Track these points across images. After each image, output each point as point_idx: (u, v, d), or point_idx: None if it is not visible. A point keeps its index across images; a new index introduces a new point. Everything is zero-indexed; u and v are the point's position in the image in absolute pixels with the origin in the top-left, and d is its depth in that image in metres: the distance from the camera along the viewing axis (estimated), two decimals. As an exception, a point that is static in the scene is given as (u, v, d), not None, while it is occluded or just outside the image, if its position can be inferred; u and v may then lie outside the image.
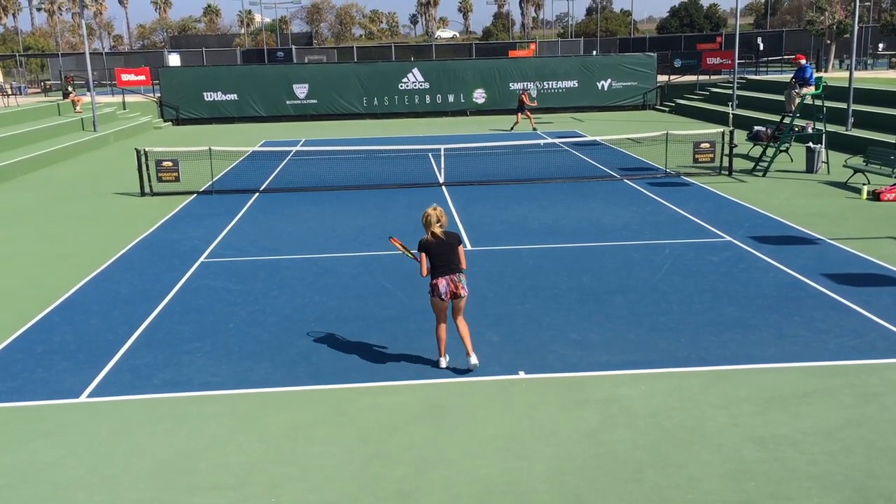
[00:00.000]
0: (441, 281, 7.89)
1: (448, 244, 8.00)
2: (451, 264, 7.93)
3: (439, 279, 7.90)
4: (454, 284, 7.90)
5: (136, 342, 9.28)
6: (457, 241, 8.07)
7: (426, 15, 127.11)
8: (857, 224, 14.21)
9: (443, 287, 7.88)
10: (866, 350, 8.49)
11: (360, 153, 24.55)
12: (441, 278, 7.89)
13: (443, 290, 7.87)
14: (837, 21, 43.17)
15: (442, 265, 7.92)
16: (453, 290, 7.90)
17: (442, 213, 8.07)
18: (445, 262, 7.92)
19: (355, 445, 6.78)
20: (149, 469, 6.48)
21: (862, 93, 25.42)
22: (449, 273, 7.90)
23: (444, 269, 7.91)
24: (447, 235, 8.04)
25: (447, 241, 8.01)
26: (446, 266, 7.92)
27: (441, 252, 7.95)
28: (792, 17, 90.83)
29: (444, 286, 7.88)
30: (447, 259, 7.94)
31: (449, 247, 7.99)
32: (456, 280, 7.91)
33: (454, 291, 7.91)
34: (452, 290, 7.90)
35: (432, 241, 7.98)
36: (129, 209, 17.31)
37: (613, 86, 38.71)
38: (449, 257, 7.95)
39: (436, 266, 7.94)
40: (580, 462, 6.41)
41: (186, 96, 37.27)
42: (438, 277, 7.90)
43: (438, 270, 7.92)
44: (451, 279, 7.89)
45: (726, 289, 10.67)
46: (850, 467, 6.22)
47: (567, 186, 18.70)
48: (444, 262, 7.92)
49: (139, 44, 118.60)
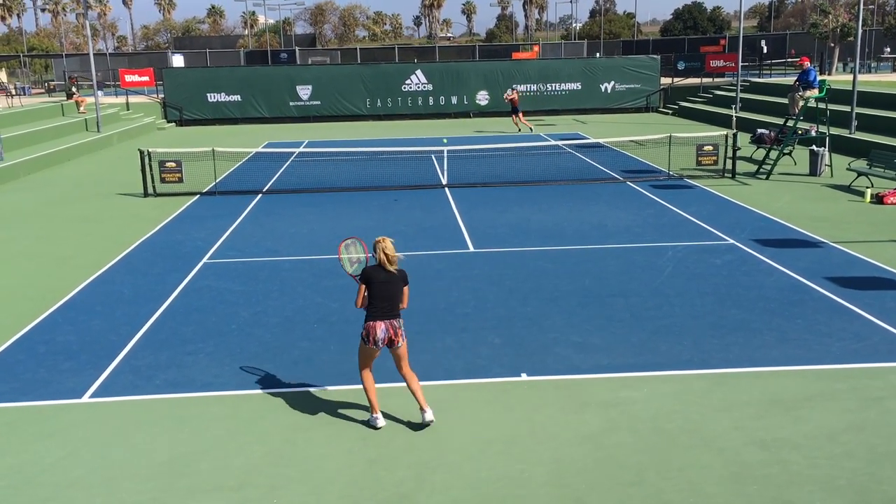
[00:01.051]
0: (379, 325, 6.84)
1: (396, 283, 6.95)
2: (394, 308, 6.92)
3: (377, 322, 6.85)
4: (393, 331, 6.89)
5: (139, 343, 9.28)
6: (404, 281, 7.05)
7: (430, 17, 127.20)
8: (860, 227, 14.18)
9: (381, 333, 6.85)
10: (869, 354, 8.47)
11: (363, 155, 24.56)
12: (380, 322, 6.85)
13: (380, 335, 6.85)
14: (841, 24, 43.11)
15: (383, 307, 6.88)
16: (391, 337, 6.91)
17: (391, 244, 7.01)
18: (389, 305, 6.89)
19: (356, 447, 6.78)
20: (149, 470, 6.48)
21: (866, 96, 25.39)
22: (390, 318, 6.90)
23: (386, 312, 6.88)
24: (399, 272, 6.98)
25: (398, 278, 6.97)
26: (389, 309, 6.90)
27: (387, 291, 6.88)
28: (796, 19, 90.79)
29: (381, 332, 6.85)
30: (392, 301, 6.91)
31: (396, 287, 6.95)
32: (396, 326, 6.90)
33: (391, 338, 6.92)
34: (391, 336, 6.90)
35: (381, 275, 6.90)
36: (133, 210, 17.32)
37: (616, 88, 38.69)
38: (394, 299, 6.93)
39: (376, 306, 6.88)
40: (581, 465, 6.40)
41: (190, 97, 37.32)
42: (377, 320, 6.86)
43: (378, 312, 6.87)
44: (390, 324, 6.88)
45: (729, 292, 10.65)
46: (853, 471, 6.20)
47: (569, 189, 18.69)
48: (387, 303, 6.88)
49: (143, 45, 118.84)
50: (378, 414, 7.13)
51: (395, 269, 6.92)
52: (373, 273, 6.90)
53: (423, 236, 14.25)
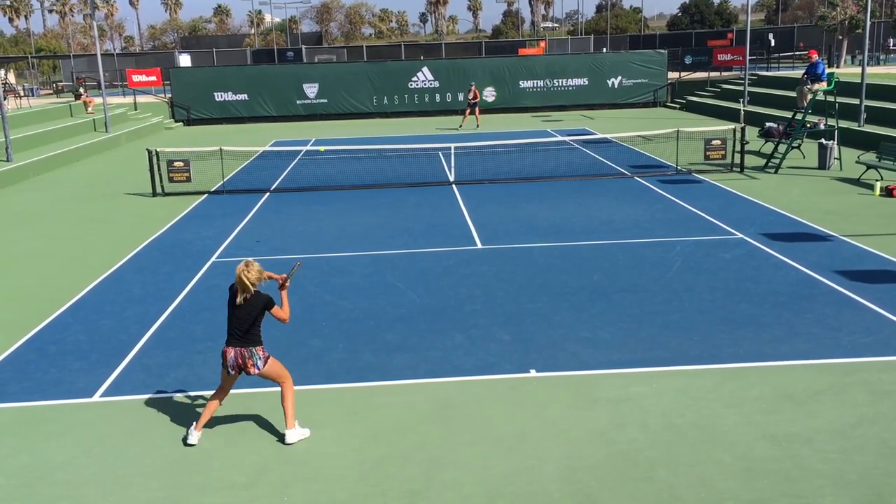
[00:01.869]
0: (229, 351, 6.67)
1: (246, 309, 6.61)
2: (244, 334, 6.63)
3: (227, 348, 6.69)
4: (242, 359, 6.65)
5: (149, 342, 9.32)
6: (264, 305, 6.66)
7: (436, 13, 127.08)
8: (870, 220, 14.11)
9: (230, 359, 6.66)
10: (880, 347, 8.43)
11: (370, 152, 24.57)
12: (230, 348, 6.67)
13: (230, 362, 6.66)
14: (849, 16, 42.88)
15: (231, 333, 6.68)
16: (241, 365, 6.67)
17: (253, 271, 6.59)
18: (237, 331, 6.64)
19: (366, 445, 6.79)
20: (161, 468, 6.51)
21: (875, 88, 25.24)
22: (240, 345, 6.65)
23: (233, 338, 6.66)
24: (254, 297, 6.62)
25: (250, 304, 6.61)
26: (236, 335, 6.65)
27: (235, 317, 6.63)
28: (804, 12, 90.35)
29: (231, 358, 6.66)
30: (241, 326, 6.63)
31: (247, 312, 6.61)
32: (246, 355, 6.63)
33: (241, 366, 6.67)
34: (240, 364, 6.66)
35: (230, 301, 6.70)
36: (141, 210, 17.39)
37: (624, 83, 38.58)
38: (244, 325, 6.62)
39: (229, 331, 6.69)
40: (591, 461, 6.40)
41: (197, 97, 37.40)
42: (227, 346, 6.69)
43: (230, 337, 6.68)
44: (240, 352, 6.64)
45: (738, 286, 10.62)
46: (864, 465, 6.18)
47: (577, 184, 18.65)
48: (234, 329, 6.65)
49: (150, 45, 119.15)
50: (196, 430, 6.86)
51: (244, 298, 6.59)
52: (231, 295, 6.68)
53: (432, 233, 14.25)
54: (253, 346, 6.67)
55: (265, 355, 6.75)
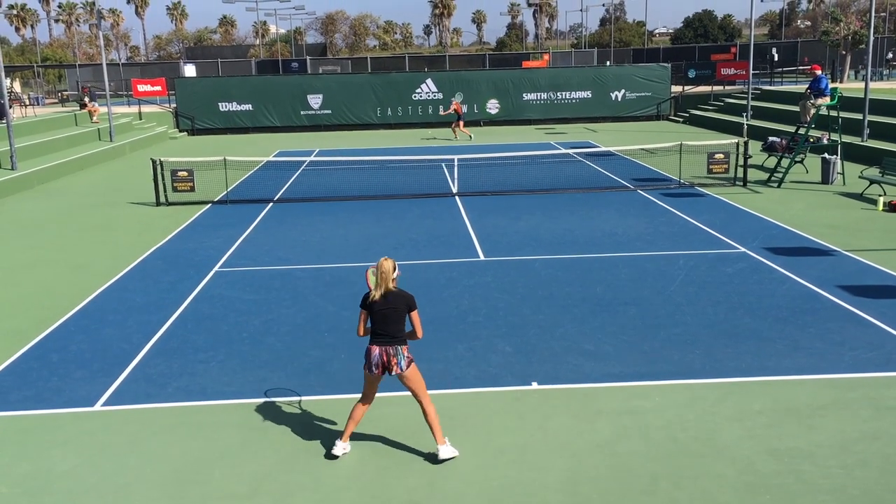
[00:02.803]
0: (374, 349, 6.57)
1: (392, 305, 6.54)
2: (390, 333, 6.55)
3: (372, 346, 6.60)
4: (387, 357, 6.54)
5: (151, 351, 9.33)
6: (407, 305, 6.58)
7: (440, 25, 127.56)
8: (873, 235, 14.11)
9: (374, 356, 6.57)
10: (882, 362, 8.42)
11: (373, 163, 24.64)
12: (375, 346, 6.58)
13: (374, 359, 6.57)
14: (853, 32, 43.00)
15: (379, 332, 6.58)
16: (385, 364, 6.57)
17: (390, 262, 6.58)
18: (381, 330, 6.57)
19: (368, 455, 6.79)
20: (162, 477, 6.51)
21: (878, 103, 25.29)
22: (386, 343, 6.56)
23: (378, 336, 6.59)
24: (397, 295, 6.56)
25: (393, 300, 6.54)
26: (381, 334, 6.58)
27: (380, 315, 6.55)
28: (807, 27, 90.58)
29: (376, 355, 6.56)
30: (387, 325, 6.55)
31: (392, 310, 6.54)
32: (391, 353, 6.54)
33: (386, 365, 6.57)
34: (385, 362, 6.56)
35: (377, 301, 6.55)
36: (145, 219, 17.43)
37: (627, 96, 38.68)
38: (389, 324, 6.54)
39: (373, 331, 6.62)
40: (594, 474, 6.38)
41: (202, 107, 37.55)
42: (373, 344, 6.60)
43: (374, 336, 6.60)
44: (385, 350, 6.55)
45: (741, 300, 10.62)
46: (867, 481, 6.16)
47: (580, 197, 18.68)
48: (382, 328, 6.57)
49: (155, 55, 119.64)
50: (341, 441, 6.77)
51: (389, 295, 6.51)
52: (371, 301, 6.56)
53: (434, 245, 14.27)
54: (398, 345, 6.56)
55: (409, 357, 6.62)
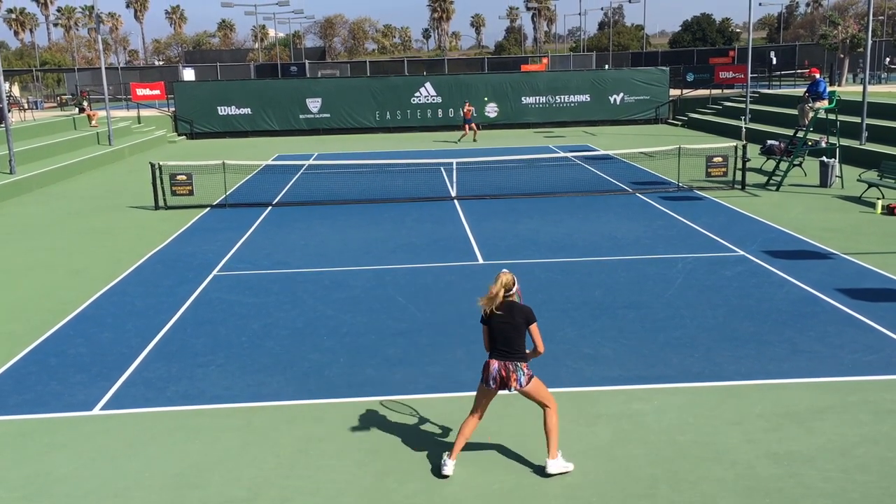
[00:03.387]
0: (493, 363, 6.39)
1: (507, 320, 6.37)
2: (508, 348, 6.38)
3: (491, 360, 6.42)
4: (506, 372, 6.34)
5: (149, 355, 9.32)
6: (525, 318, 6.41)
7: (439, 29, 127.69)
8: (871, 239, 14.12)
9: (493, 370, 6.37)
10: (882, 366, 8.42)
11: (372, 167, 24.64)
12: (494, 361, 6.40)
13: (492, 373, 6.36)
14: (851, 35, 43.09)
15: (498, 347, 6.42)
16: (503, 378, 6.36)
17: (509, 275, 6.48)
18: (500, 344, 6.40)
19: (367, 460, 6.78)
20: (161, 482, 6.50)
21: (876, 107, 25.32)
22: (505, 358, 6.37)
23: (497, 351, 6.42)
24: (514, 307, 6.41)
25: (510, 314, 6.38)
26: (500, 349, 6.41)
27: (497, 329, 6.40)
28: (805, 31, 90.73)
29: (494, 369, 6.37)
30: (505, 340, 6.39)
31: (508, 323, 6.36)
32: (511, 369, 6.34)
33: (504, 380, 6.35)
34: (503, 377, 6.36)
35: (495, 316, 6.39)
36: (144, 222, 17.43)
37: (626, 100, 38.73)
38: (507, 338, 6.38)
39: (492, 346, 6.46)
40: (593, 477, 6.38)
41: (200, 110, 37.56)
42: (492, 358, 6.43)
43: (493, 351, 6.45)
44: (504, 365, 6.36)
45: (740, 303, 10.62)
46: (866, 485, 6.16)
47: (579, 200, 18.69)
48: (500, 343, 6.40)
49: (154, 59, 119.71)
50: (450, 459, 6.53)
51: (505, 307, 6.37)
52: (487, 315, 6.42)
53: (433, 248, 14.27)
54: (518, 360, 6.38)
55: (529, 373, 6.41)
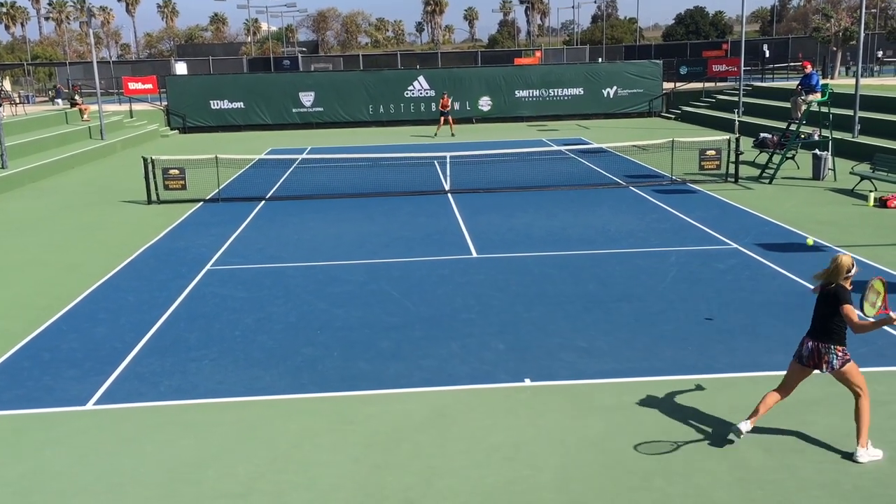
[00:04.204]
0: (808, 342, 6.52)
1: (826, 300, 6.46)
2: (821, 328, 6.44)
3: (807, 338, 6.54)
4: (818, 354, 6.43)
5: (143, 350, 9.30)
6: (838, 298, 6.36)
7: (432, 23, 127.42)
8: (864, 231, 14.16)
9: (806, 348, 6.51)
10: (874, 358, 8.45)
11: (365, 161, 24.60)
12: (809, 339, 6.52)
13: (805, 351, 6.52)
14: (843, 28, 43.14)
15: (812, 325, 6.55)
16: (815, 359, 6.46)
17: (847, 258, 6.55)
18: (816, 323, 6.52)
19: (361, 454, 6.78)
20: (155, 477, 6.49)
21: (868, 100, 25.37)
22: (818, 339, 6.46)
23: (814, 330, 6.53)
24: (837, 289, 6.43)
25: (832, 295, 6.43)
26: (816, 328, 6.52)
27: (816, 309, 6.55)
28: (798, 24, 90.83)
29: (807, 348, 6.50)
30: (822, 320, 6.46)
31: (825, 303, 6.44)
32: (822, 351, 6.42)
33: (816, 360, 6.46)
34: (815, 358, 6.46)
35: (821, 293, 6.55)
36: (136, 217, 17.37)
37: (619, 93, 38.72)
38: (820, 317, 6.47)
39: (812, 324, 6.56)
40: (587, 470, 6.39)
41: (193, 105, 37.42)
42: (809, 336, 6.54)
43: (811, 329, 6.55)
44: (817, 346, 6.45)
45: (733, 296, 10.64)
46: (858, 476, 6.19)
47: (573, 194, 18.70)
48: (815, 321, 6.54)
49: (146, 52, 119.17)
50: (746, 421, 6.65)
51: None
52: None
53: (427, 242, 14.26)
54: (831, 343, 6.40)
55: (845, 357, 6.43)
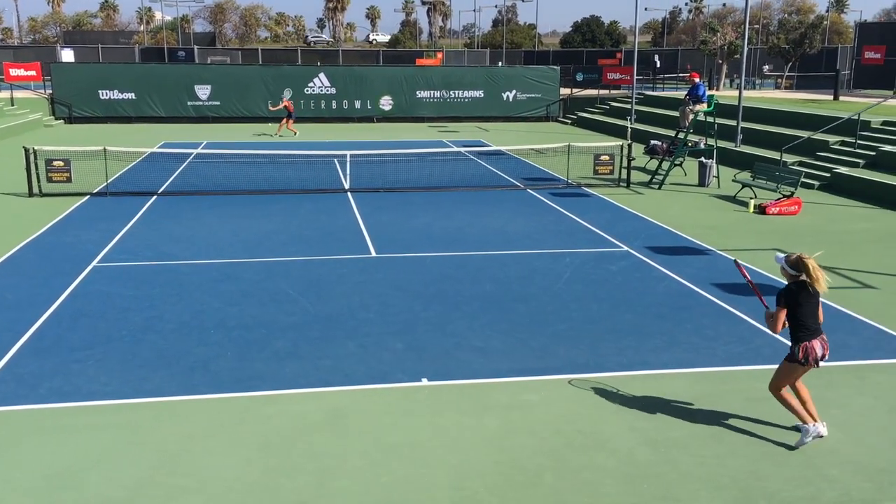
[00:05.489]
0: (815, 343, 6.67)
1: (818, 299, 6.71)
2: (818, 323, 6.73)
3: (813, 341, 6.66)
4: (825, 346, 6.72)
5: (21, 350, 8.82)
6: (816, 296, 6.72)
7: (333, 20, 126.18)
8: (744, 236, 14.91)
9: (818, 350, 6.67)
10: (752, 356, 8.91)
11: (263, 157, 24.12)
12: (815, 340, 6.67)
13: (819, 353, 6.68)
14: (728, 42, 45.32)
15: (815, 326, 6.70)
16: (825, 355, 6.74)
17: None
18: (816, 322, 6.72)
19: (255, 456, 6.65)
20: (33, 484, 6.16)
21: (750, 111, 26.75)
22: (820, 334, 6.72)
23: (816, 330, 6.71)
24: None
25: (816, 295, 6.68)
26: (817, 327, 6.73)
27: (812, 309, 6.70)
28: (687, 36, 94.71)
29: (819, 349, 6.68)
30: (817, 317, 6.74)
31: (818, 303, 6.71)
32: (825, 340, 6.74)
33: (824, 355, 6.75)
34: (825, 353, 6.74)
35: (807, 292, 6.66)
36: (16, 210, 16.46)
37: (518, 97, 39.39)
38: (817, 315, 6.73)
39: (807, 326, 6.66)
40: (481, 468, 6.48)
41: (80, 94, 35.73)
42: (812, 339, 6.66)
43: (810, 332, 6.67)
44: (823, 340, 6.72)
45: (623, 297, 11.00)
46: (736, 469, 6.51)
47: (472, 195, 18.90)
48: (815, 321, 6.71)
49: (30, 38, 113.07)
50: (819, 423, 6.82)
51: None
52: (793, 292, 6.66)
53: (326, 241, 14.12)
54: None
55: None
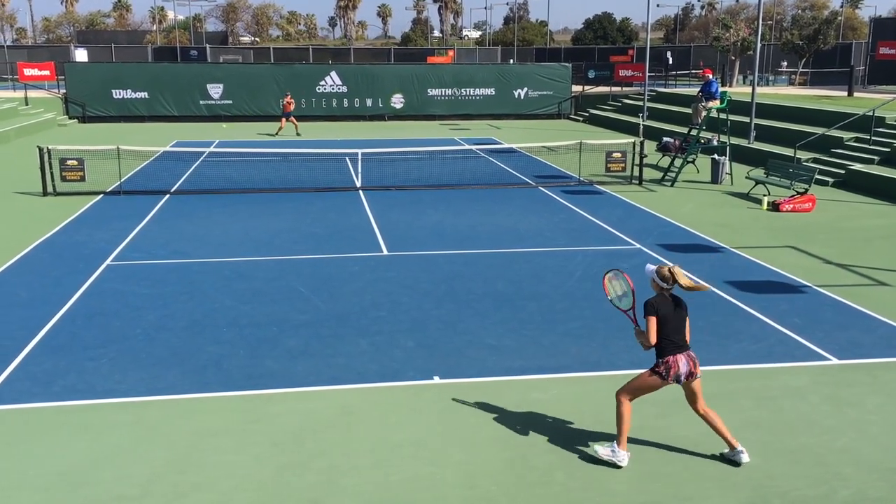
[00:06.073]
0: (680, 358, 6.36)
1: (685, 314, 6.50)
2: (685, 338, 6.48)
3: (678, 356, 6.36)
4: (692, 363, 6.41)
5: (36, 348, 8.88)
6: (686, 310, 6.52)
7: (345, 18, 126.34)
8: (757, 233, 14.83)
9: (683, 367, 6.35)
10: (764, 355, 8.87)
11: (275, 156, 24.19)
12: (680, 355, 6.37)
13: (683, 370, 6.35)
14: (742, 38, 45.06)
15: (681, 341, 6.43)
16: (692, 371, 6.40)
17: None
18: (682, 337, 6.46)
19: (265, 453, 6.67)
20: (47, 481, 6.21)
21: (764, 108, 26.59)
22: (687, 350, 6.44)
23: (683, 346, 6.43)
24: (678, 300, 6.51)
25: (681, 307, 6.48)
26: (684, 343, 6.46)
27: (678, 324, 6.45)
28: (700, 32, 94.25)
29: (684, 365, 6.35)
30: (683, 332, 6.48)
31: (685, 318, 6.50)
32: (694, 357, 6.45)
33: (692, 372, 6.41)
34: (692, 369, 6.40)
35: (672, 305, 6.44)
36: (31, 209, 16.58)
37: (530, 94, 39.32)
38: (683, 330, 6.49)
39: (672, 340, 6.38)
40: (491, 466, 6.48)
41: (94, 93, 35.95)
42: (677, 353, 6.37)
43: (676, 346, 6.39)
44: (689, 356, 6.41)
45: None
46: (748, 468, 6.48)
47: (483, 193, 18.88)
48: (680, 336, 6.44)
49: (44, 38, 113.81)
50: (625, 450, 6.48)
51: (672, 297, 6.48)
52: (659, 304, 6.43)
53: (337, 239, 14.15)
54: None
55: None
